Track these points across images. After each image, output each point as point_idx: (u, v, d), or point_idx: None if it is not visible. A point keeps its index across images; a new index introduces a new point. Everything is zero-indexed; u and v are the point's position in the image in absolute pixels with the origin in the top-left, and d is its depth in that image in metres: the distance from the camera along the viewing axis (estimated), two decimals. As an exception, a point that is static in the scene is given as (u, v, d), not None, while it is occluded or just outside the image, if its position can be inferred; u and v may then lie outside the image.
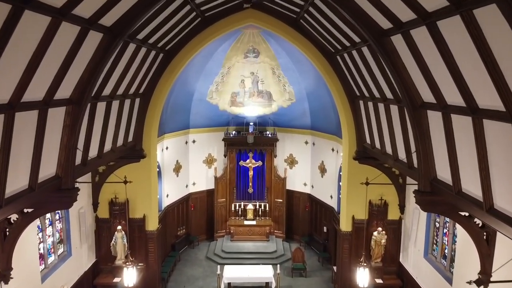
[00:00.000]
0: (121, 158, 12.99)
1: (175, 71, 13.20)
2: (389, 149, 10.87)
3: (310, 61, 13.81)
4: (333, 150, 16.30)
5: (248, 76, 17.25)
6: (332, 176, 16.34)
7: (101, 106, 9.73)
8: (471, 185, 6.66)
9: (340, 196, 14.79)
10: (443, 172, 7.86)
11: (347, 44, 10.59)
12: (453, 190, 7.24)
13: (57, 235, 11.95)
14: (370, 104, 11.56)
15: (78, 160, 9.25)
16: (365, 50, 9.68)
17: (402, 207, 13.62)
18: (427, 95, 7.61)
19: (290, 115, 17.97)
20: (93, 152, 10.12)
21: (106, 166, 13.23)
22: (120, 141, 11.91)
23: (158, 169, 15.38)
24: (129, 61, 9.99)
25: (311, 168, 17.99)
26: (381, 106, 10.64)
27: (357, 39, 9.69)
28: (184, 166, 17.68)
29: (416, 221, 12.83)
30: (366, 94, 11.47)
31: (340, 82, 13.13)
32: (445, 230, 11.69)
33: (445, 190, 7.69)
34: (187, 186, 18.04)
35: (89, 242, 13.36)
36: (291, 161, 18.71)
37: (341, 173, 14.61)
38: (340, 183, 14.68)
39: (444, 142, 7.24)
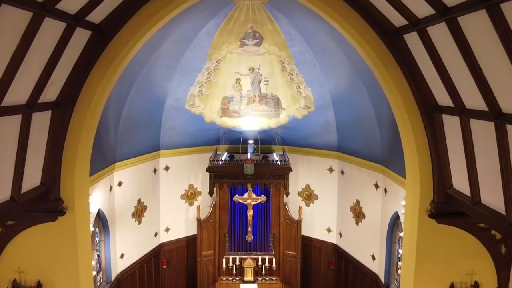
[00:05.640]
0: (29, 211, 7.49)
1: (117, 63, 7.54)
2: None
3: (350, 46, 8.24)
4: (376, 186, 10.70)
5: (246, 73, 12.14)
6: (375, 226, 10.76)
7: None
8: None
9: (398, 270, 9.15)
10: None
11: (454, 2, 4.96)
12: None
13: None
14: (480, 123, 5.95)
15: None
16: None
17: (505, 294, 8.12)
18: None
19: (307, 129, 12.82)
20: None
21: (2, 227, 7.74)
22: (3, 192, 6.26)
23: (103, 222, 9.82)
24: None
25: (339, 207, 12.50)
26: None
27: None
28: (152, 206, 12.10)
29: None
30: (479, 106, 5.83)
31: (408, 82, 7.50)
32: None
33: None
34: (156, 234, 12.44)
35: None
36: (308, 196, 13.15)
37: (400, 234, 8.98)
38: (400, 250, 9.04)
39: None
